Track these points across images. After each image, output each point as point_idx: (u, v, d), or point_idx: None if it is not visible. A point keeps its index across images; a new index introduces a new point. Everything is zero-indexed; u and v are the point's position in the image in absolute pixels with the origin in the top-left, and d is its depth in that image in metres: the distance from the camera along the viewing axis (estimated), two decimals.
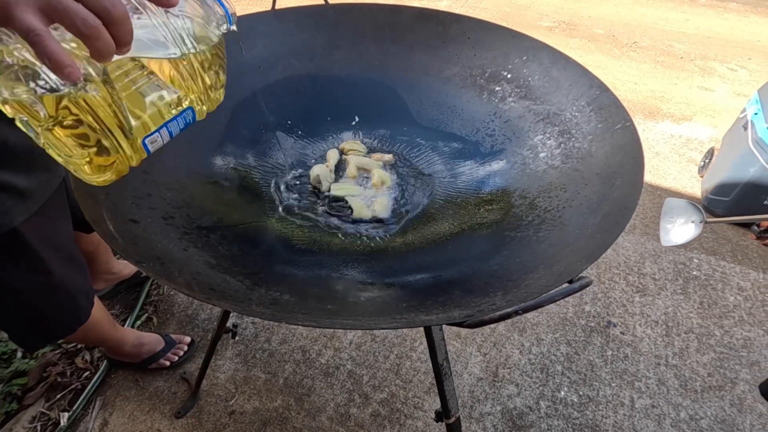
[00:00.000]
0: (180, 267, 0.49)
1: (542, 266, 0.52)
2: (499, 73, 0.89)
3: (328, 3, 0.96)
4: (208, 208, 0.66)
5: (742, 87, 2.74)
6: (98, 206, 0.50)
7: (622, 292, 1.52)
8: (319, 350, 1.31)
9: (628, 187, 0.58)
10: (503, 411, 1.20)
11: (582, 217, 0.59)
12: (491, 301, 0.46)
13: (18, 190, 0.67)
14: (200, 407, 1.17)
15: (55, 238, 0.79)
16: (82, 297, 0.89)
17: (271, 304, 0.46)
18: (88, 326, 0.93)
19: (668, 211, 0.91)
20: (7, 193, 0.66)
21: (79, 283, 0.87)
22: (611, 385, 1.26)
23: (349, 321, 0.42)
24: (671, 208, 0.90)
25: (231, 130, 0.82)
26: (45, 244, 0.76)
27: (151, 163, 0.66)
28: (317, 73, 0.93)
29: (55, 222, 0.79)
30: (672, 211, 0.90)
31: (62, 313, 0.86)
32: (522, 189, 0.73)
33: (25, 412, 1.12)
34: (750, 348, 1.37)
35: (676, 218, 0.88)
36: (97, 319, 0.96)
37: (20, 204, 0.68)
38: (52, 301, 0.82)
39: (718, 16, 3.75)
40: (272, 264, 0.61)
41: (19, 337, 0.86)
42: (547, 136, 0.78)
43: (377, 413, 1.18)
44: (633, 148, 0.62)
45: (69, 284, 0.84)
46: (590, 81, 0.77)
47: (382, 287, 0.58)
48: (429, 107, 0.93)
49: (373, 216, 0.75)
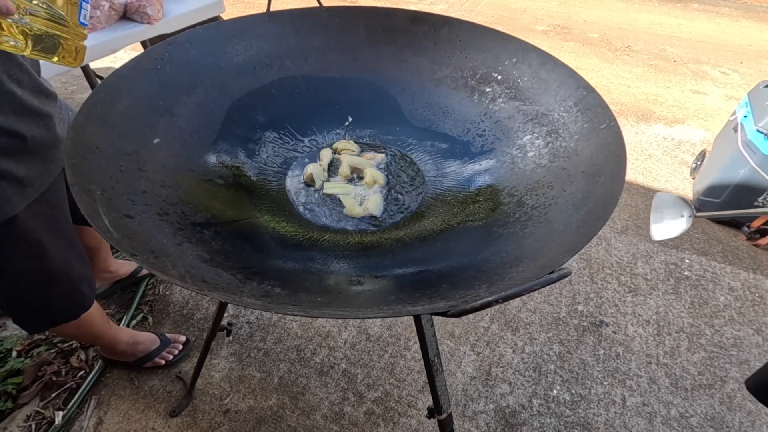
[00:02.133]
0: (174, 260, 0.50)
1: (527, 260, 0.54)
2: (490, 75, 0.90)
3: (322, 5, 0.98)
4: (202, 205, 0.67)
5: (734, 90, 2.78)
6: (94, 202, 0.52)
7: (615, 292, 1.53)
8: (313, 349, 1.32)
9: (611, 183, 0.60)
10: (496, 409, 1.21)
11: (567, 213, 0.61)
12: (476, 293, 0.48)
13: (17, 179, 0.69)
14: (195, 406, 1.18)
15: (55, 225, 0.81)
16: (84, 284, 0.91)
17: (262, 296, 0.48)
18: (83, 321, 0.94)
19: (658, 205, 0.92)
20: (8, 182, 0.68)
21: (81, 270, 0.90)
22: (603, 384, 1.28)
23: (337, 311, 0.43)
24: (661, 202, 0.92)
25: (225, 129, 0.84)
26: (45, 232, 0.78)
27: (146, 161, 0.68)
28: (311, 74, 0.95)
29: (55, 210, 0.81)
30: (662, 205, 0.91)
31: (65, 298, 0.89)
32: (510, 187, 0.75)
33: (19, 411, 1.13)
34: (740, 347, 1.38)
35: (665, 212, 0.89)
36: (92, 316, 0.97)
37: (20, 192, 0.70)
38: (54, 287, 0.85)
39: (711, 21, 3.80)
40: (264, 259, 0.63)
41: (22, 321, 0.88)
42: (535, 135, 0.79)
43: (371, 412, 1.19)
44: (616, 147, 0.64)
45: (70, 271, 0.86)
46: (577, 82, 0.78)
47: (372, 281, 0.59)
48: (421, 108, 0.94)
49: (365, 214, 0.76)
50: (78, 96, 2.34)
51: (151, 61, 0.78)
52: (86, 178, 0.55)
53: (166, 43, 0.81)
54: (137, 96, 0.73)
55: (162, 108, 0.76)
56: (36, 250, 0.77)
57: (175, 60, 0.81)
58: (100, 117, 0.65)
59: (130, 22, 1.43)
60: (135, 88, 0.74)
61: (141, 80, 0.76)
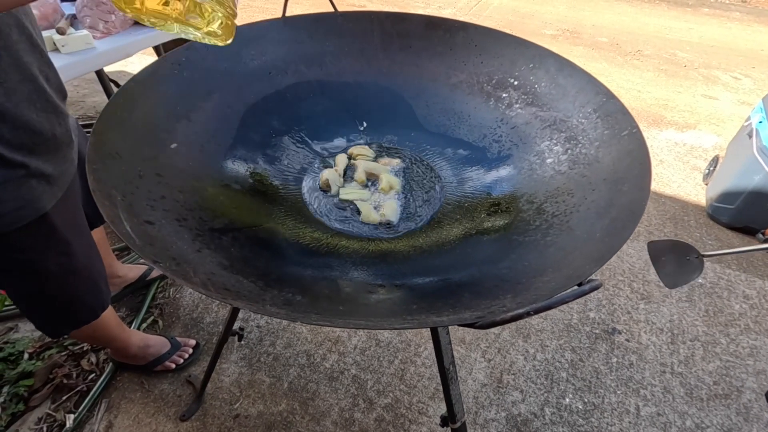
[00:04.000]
0: (195, 267, 0.50)
1: (551, 269, 0.53)
2: (506, 80, 0.90)
3: (337, 11, 0.98)
4: (219, 211, 0.67)
5: (746, 95, 2.75)
6: (115, 207, 0.51)
7: (627, 299, 1.52)
8: (323, 354, 1.31)
9: (636, 192, 0.59)
10: (508, 417, 1.20)
11: (590, 221, 0.60)
12: (501, 303, 0.47)
13: (46, 176, 0.70)
14: (205, 410, 1.17)
15: (77, 222, 0.83)
16: (102, 282, 0.92)
17: (284, 305, 0.47)
18: (99, 323, 0.95)
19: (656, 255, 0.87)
20: (37, 179, 0.69)
21: (99, 267, 0.91)
22: (616, 393, 1.26)
23: (361, 321, 0.42)
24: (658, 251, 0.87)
25: (241, 134, 0.84)
26: (70, 229, 0.79)
27: (164, 166, 0.68)
28: (326, 79, 0.95)
29: (76, 208, 0.83)
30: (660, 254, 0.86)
31: (87, 296, 0.90)
32: (529, 194, 0.74)
33: (31, 413, 1.13)
34: (756, 356, 1.36)
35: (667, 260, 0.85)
36: (107, 318, 0.98)
37: (48, 190, 0.71)
38: (78, 285, 0.86)
39: (721, 26, 3.78)
40: (283, 266, 0.62)
41: (46, 324, 0.89)
42: (553, 142, 0.79)
43: (381, 418, 1.18)
44: (640, 154, 0.63)
45: (91, 268, 0.88)
46: (596, 88, 0.78)
47: (391, 289, 0.59)
48: (436, 113, 0.94)
49: (381, 220, 0.75)
50: (90, 99, 2.36)
51: (168, 66, 0.79)
52: (107, 183, 0.55)
53: (184, 48, 0.81)
54: (155, 101, 0.74)
55: (179, 113, 0.77)
56: (64, 247, 0.78)
57: (192, 65, 0.82)
58: (120, 122, 0.65)
59: (144, 27, 1.44)
60: (153, 94, 0.74)
61: (159, 85, 0.76)
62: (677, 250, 0.83)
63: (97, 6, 1.30)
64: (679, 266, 0.82)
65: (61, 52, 1.22)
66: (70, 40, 1.22)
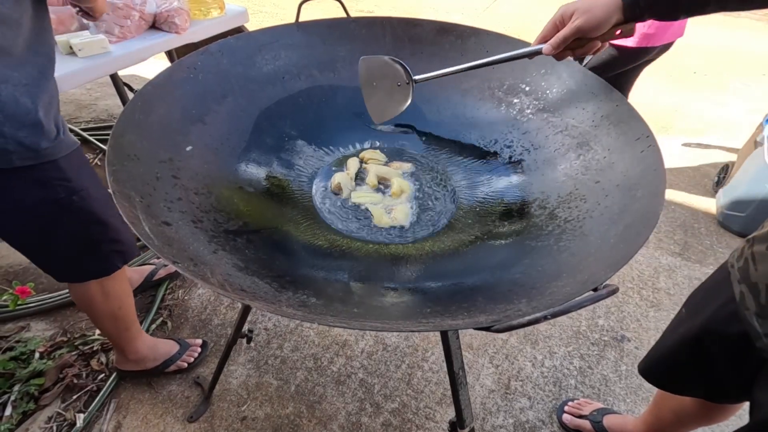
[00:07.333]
0: (212, 268, 0.50)
1: (565, 275, 0.53)
2: (517, 86, 0.90)
3: (350, 16, 0.99)
4: (233, 213, 0.68)
5: (757, 102, 2.73)
6: (134, 209, 0.52)
7: (636, 307, 1.50)
8: (330, 358, 1.31)
9: (650, 198, 0.58)
10: (515, 424, 1.19)
11: (603, 227, 0.60)
12: (516, 308, 0.47)
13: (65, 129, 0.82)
14: (212, 412, 1.17)
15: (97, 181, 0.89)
16: (124, 234, 0.95)
17: (300, 306, 0.47)
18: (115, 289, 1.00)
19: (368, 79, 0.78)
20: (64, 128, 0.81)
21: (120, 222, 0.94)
22: (626, 401, 1.24)
23: (377, 323, 0.43)
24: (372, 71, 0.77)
25: (254, 138, 0.84)
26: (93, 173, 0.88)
27: (180, 168, 0.69)
28: (339, 84, 0.96)
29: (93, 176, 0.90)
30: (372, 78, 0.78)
31: (127, 233, 0.94)
32: (541, 200, 0.74)
33: (41, 412, 1.14)
34: None
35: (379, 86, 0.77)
36: (124, 288, 1.04)
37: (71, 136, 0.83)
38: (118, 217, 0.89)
39: (731, 32, 3.76)
40: (296, 268, 0.63)
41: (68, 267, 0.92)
42: (565, 147, 0.79)
43: (388, 423, 1.17)
44: (654, 160, 0.63)
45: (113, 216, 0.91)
46: (609, 94, 0.78)
47: (404, 292, 0.59)
48: (447, 118, 0.94)
49: (392, 224, 0.76)
50: (102, 102, 2.39)
51: (184, 70, 0.80)
52: (126, 185, 0.56)
53: (199, 53, 0.83)
54: (171, 104, 0.75)
55: (194, 116, 0.78)
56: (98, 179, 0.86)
57: (206, 69, 0.83)
58: (137, 125, 0.66)
59: (158, 32, 1.46)
60: (169, 97, 0.75)
61: (175, 89, 0.77)
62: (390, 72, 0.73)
63: (113, 11, 1.33)
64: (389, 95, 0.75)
65: (78, 56, 1.25)
66: (86, 45, 1.25)
